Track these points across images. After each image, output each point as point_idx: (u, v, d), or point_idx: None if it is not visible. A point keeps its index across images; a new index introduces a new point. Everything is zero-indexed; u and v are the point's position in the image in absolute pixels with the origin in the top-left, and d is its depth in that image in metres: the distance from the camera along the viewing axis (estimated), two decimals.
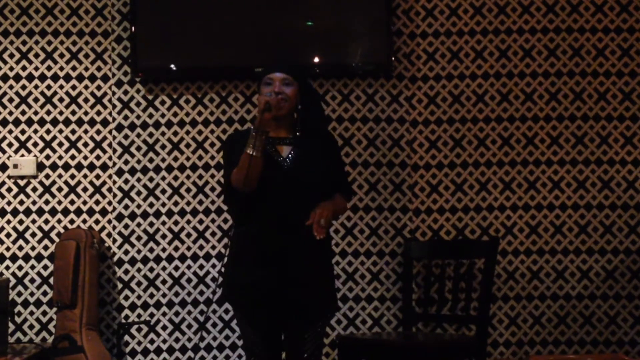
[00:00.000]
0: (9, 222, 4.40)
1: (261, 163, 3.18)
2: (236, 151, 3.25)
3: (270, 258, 3.23)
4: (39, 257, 4.40)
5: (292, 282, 3.24)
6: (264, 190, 3.23)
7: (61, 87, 4.44)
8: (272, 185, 3.24)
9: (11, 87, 4.44)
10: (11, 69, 4.44)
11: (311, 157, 3.31)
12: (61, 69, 4.45)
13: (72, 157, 4.43)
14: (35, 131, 4.43)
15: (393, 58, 4.38)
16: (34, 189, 4.42)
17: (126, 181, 4.39)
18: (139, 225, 4.37)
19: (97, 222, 4.41)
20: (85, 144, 4.43)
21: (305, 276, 3.26)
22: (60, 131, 4.43)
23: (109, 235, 4.40)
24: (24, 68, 4.44)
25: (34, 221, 4.41)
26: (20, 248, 4.39)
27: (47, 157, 4.43)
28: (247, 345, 3.33)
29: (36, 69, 4.44)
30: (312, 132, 3.37)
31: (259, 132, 3.16)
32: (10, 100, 4.43)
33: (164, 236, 4.37)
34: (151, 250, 4.37)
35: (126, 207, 4.38)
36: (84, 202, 4.41)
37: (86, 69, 4.45)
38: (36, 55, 4.45)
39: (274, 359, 3.30)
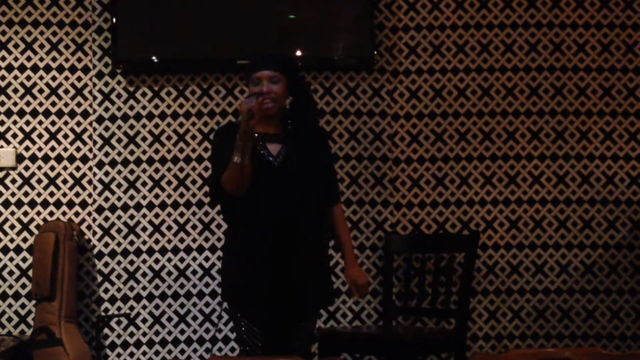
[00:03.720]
0: None
1: (250, 169, 3.14)
2: (225, 149, 3.19)
3: (266, 256, 3.21)
4: (18, 250, 4.36)
5: (288, 280, 3.22)
6: (255, 189, 3.19)
7: (41, 78, 4.41)
8: (263, 184, 3.20)
9: None
10: None
11: (302, 154, 3.27)
12: (41, 59, 4.41)
13: (52, 149, 4.40)
14: (15, 122, 4.40)
15: (375, 52, 4.38)
16: (13, 181, 4.38)
17: (106, 173, 4.36)
18: (119, 217, 4.35)
19: (77, 214, 4.38)
20: (66, 136, 4.40)
21: (302, 273, 3.24)
22: (40, 122, 4.40)
23: (88, 227, 4.38)
24: (3, 58, 4.40)
25: (12, 213, 4.37)
26: None
27: (27, 148, 4.39)
28: (241, 340, 3.30)
29: (16, 59, 4.40)
30: (304, 128, 3.32)
31: (245, 140, 3.11)
32: None
33: (144, 229, 4.35)
34: (131, 242, 4.35)
35: (106, 199, 4.36)
36: (64, 194, 4.39)
37: (66, 60, 4.41)
38: (16, 46, 4.41)
39: (269, 353, 3.28)
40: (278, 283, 3.22)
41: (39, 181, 4.38)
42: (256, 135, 3.24)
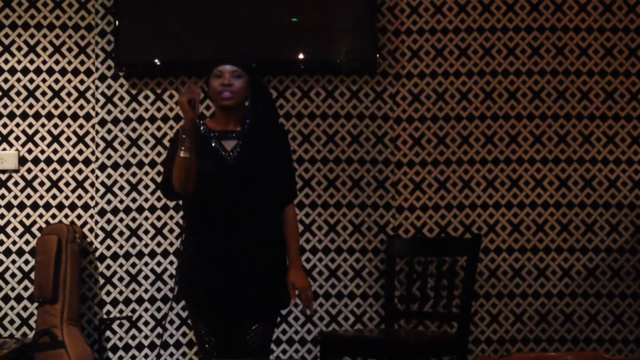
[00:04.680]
0: None
1: (195, 163, 3.16)
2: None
3: (218, 255, 3.21)
4: (20, 252, 4.37)
5: (240, 279, 3.21)
6: (208, 186, 3.20)
7: (44, 80, 4.41)
8: (216, 180, 3.21)
9: None
10: None
11: (257, 152, 3.27)
12: (44, 62, 4.42)
13: (55, 152, 4.40)
14: (18, 125, 4.40)
15: (377, 55, 4.39)
16: (16, 183, 4.39)
17: (109, 176, 4.37)
18: (121, 220, 4.36)
19: (79, 217, 4.39)
20: (68, 139, 4.41)
21: (254, 272, 3.23)
22: (43, 125, 4.41)
23: (91, 230, 4.38)
24: (6, 61, 4.41)
25: (15, 215, 4.38)
26: (1, 242, 4.37)
27: (29, 151, 4.40)
28: (199, 343, 3.29)
29: (19, 62, 4.41)
30: (262, 126, 3.32)
31: (188, 134, 3.13)
32: None
33: (146, 231, 4.36)
34: (133, 245, 4.36)
35: (109, 202, 4.36)
36: (66, 197, 4.39)
37: (69, 62, 4.42)
38: (19, 49, 4.42)
39: (226, 357, 3.28)
40: (227, 283, 3.20)
41: (42, 184, 4.39)
42: (212, 134, 3.27)
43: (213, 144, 3.27)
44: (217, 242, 3.22)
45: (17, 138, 4.40)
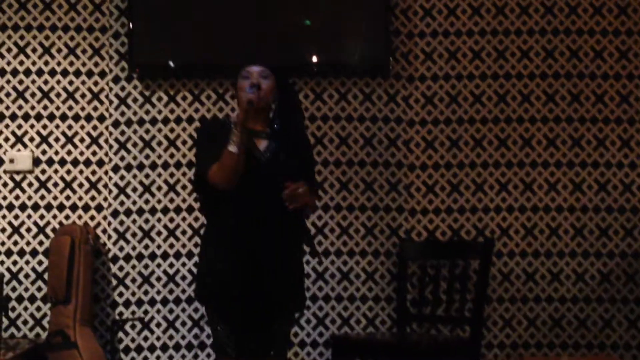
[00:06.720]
0: (4, 217, 4.39)
1: (243, 160, 3.16)
2: (211, 142, 3.22)
3: (240, 252, 3.21)
4: (34, 253, 4.39)
5: (263, 279, 3.21)
6: (241, 184, 3.20)
7: (58, 82, 4.44)
8: (249, 179, 3.21)
9: (8, 81, 4.43)
10: (8, 63, 4.44)
11: (287, 152, 3.29)
12: (58, 64, 4.44)
13: (69, 153, 4.42)
14: (32, 126, 4.43)
15: (390, 57, 4.38)
16: (30, 184, 4.41)
17: (122, 177, 4.38)
18: (134, 221, 4.37)
19: (92, 218, 4.40)
20: (82, 140, 4.43)
21: (277, 274, 3.23)
22: (57, 126, 4.43)
23: (104, 231, 4.40)
24: (21, 63, 4.44)
25: (29, 216, 4.40)
26: (15, 243, 4.39)
27: (44, 152, 4.42)
28: (216, 343, 3.29)
29: (33, 63, 4.44)
30: (289, 126, 3.34)
31: (243, 130, 3.14)
32: (7, 94, 4.43)
33: (159, 233, 4.37)
34: (146, 247, 4.37)
35: (122, 203, 4.37)
36: (80, 198, 4.41)
37: (83, 64, 4.44)
38: (34, 50, 4.45)
39: (245, 357, 3.27)
40: (247, 281, 3.20)
41: (56, 185, 4.41)
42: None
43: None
44: (241, 239, 3.22)
45: (32, 139, 4.43)
